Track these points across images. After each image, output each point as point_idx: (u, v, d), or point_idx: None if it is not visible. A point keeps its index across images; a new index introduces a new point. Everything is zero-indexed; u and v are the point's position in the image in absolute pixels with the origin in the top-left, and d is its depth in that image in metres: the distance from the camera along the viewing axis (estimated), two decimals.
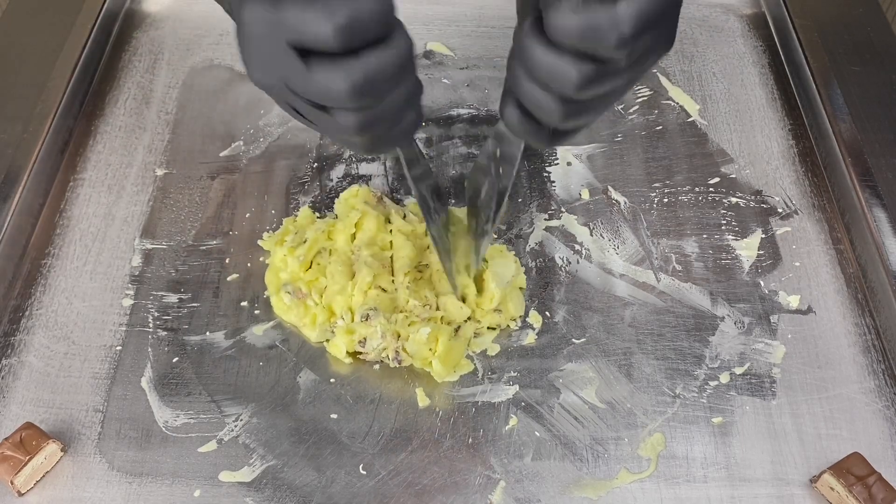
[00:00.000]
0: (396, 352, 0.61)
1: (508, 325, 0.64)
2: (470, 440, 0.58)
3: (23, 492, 0.56)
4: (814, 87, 0.78)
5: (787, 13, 0.84)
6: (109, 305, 0.65)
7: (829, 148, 0.74)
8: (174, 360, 0.62)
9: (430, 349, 0.61)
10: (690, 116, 0.79)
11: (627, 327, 0.64)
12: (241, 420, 0.59)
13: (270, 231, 0.70)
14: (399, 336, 0.61)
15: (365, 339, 0.61)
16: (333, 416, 0.60)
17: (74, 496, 0.56)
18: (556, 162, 0.75)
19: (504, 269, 0.64)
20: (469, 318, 0.63)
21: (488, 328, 0.64)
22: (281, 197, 0.72)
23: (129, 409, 0.60)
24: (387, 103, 0.42)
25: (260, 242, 0.68)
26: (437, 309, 0.62)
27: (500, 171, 0.54)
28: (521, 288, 0.66)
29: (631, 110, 0.79)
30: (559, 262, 0.68)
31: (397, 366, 0.61)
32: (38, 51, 0.79)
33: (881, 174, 0.70)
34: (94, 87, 0.81)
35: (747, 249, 0.69)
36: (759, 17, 0.88)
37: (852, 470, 0.55)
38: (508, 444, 0.58)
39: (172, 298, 0.66)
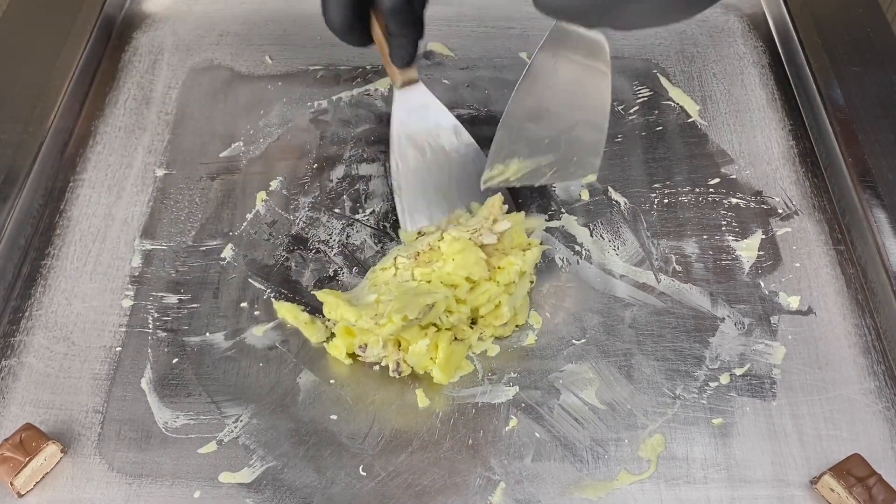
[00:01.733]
0: (397, 363, 0.61)
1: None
2: (470, 441, 0.58)
3: (22, 493, 0.56)
4: (814, 87, 0.78)
5: (787, 13, 0.84)
6: (109, 306, 0.65)
7: (830, 148, 0.74)
8: (174, 361, 0.62)
9: (431, 357, 0.61)
10: (690, 117, 0.79)
11: (627, 328, 0.64)
12: (241, 421, 0.59)
13: (268, 227, 0.70)
14: (399, 345, 0.61)
15: (366, 345, 0.61)
16: (333, 417, 0.60)
17: (74, 497, 0.56)
18: None
19: (520, 289, 0.64)
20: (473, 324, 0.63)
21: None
22: (281, 198, 0.72)
23: (129, 410, 0.60)
24: None
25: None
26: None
27: None
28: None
29: (631, 111, 0.79)
30: (559, 262, 0.68)
31: (397, 377, 0.61)
32: (38, 51, 0.79)
33: (881, 175, 0.70)
34: (94, 88, 0.81)
35: (747, 250, 0.69)
36: (759, 17, 0.88)
37: (852, 471, 0.55)
38: (508, 446, 0.58)
39: (172, 299, 0.66)
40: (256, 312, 0.65)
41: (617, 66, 0.83)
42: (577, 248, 0.69)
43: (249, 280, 0.67)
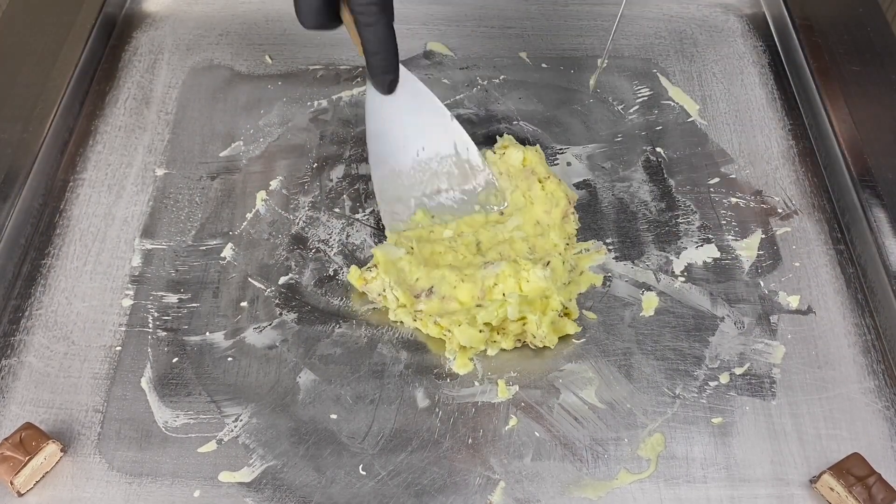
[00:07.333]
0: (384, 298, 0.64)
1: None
2: (469, 440, 0.58)
3: (22, 492, 0.56)
4: (813, 87, 0.78)
5: (787, 13, 0.84)
6: (109, 305, 0.65)
7: (829, 148, 0.74)
8: (174, 360, 0.62)
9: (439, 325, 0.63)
10: (690, 116, 0.79)
11: (627, 327, 0.64)
12: (241, 420, 0.59)
13: (268, 227, 0.70)
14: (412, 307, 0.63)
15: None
16: (333, 416, 0.60)
17: (74, 496, 0.56)
18: (556, 162, 0.75)
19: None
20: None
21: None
22: (280, 197, 0.72)
23: (129, 409, 0.60)
24: None
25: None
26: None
27: None
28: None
29: (631, 110, 0.79)
30: None
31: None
32: (38, 51, 0.79)
33: (881, 174, 0.70)
34: (94, 87, 0.81)
35: (747, 249, 0.69)
36: (759, 17, 0.88)
37: (852, 470, 0.55)
38: (508, 445, 0.58)
39: (172, 299, 0.66)
40: (256, 312, 0.65)
41: (617, 66, 0.83)
42: None
43: (249, 279, 0.67)
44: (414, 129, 0.68)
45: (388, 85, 0.66)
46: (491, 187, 0.69)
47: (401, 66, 0.66)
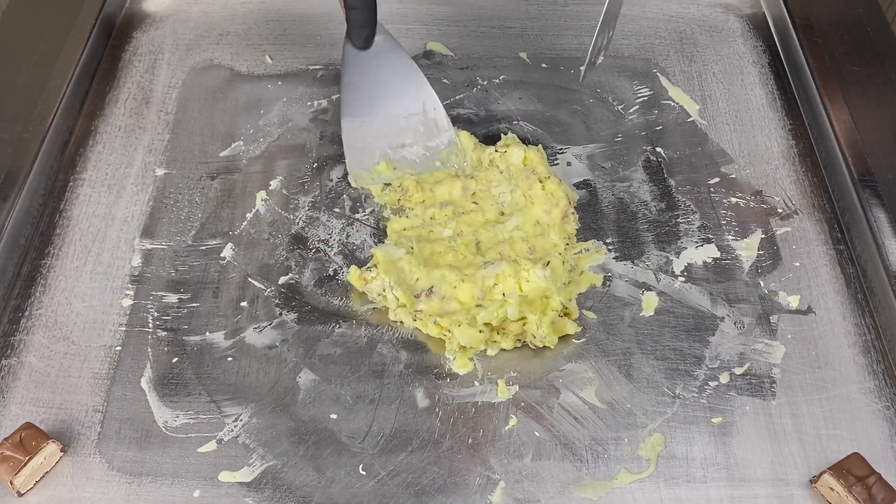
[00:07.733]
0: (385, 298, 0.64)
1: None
2: (469, 440, 0.58)
3: (22, 492, 0.56)
4: (814, 87, 0.78)
5: (787, 13, 0.84)
6: (109, 305, 0.65)
7: (829, 148, 0.74)
8: (174, 360, 0.62)
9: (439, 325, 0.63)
10: (690, 116, 0.79)
11: (627, 327, 0.64)
12: (241, 420, 0.59)
13: (268, 227, 0.70)
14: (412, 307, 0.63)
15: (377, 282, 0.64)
16: (333, 416, 0.60)
17: (74, 496, 0.56)
18: (556, 162, 0.75)
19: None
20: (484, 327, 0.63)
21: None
22: (281, 197, 0.72)
23: (129, 409, 0.60)
24: None
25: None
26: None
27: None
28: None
29: (631, 110, 0.79)
30: None
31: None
32: (38, 51, 0.79)
33: (881, 174, 0.70)
34: (94, 87, 0.81)
35: (747, 249, 0.69)
36: (759, 17, 0.88)
37: (852, 470, 0.55)
38: (508, 445, 0.58)
39: (172, 298, 0.66)
40: (256, 312, 0.65)
41: (617, 66, 0.83)
42: None
43: (249, 279, 0.67)
44: (386, 84, 0.72)
45: (365, 39, 0.69)
46: (453, 147, 0.72)
47: (379, 25, 0.69)
